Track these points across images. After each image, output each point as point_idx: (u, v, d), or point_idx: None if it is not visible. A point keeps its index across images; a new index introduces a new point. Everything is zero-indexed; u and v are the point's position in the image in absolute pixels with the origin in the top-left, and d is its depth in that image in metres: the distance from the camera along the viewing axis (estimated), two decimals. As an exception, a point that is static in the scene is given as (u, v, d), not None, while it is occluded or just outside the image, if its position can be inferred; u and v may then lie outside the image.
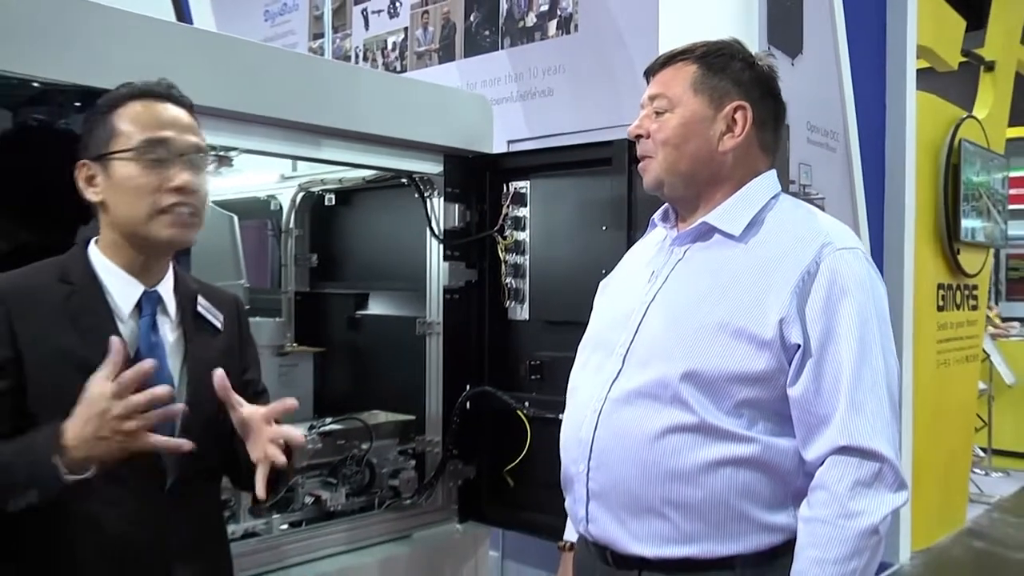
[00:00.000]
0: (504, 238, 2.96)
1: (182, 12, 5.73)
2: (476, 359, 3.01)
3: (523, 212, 2.94)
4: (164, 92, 1.66)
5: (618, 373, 1.66)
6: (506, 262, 2.96)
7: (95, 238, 1.65)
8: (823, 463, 1.52)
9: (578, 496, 1.71)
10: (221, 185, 3.22)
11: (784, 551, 1.55)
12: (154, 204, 1.56)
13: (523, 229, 2.94)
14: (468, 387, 2.94)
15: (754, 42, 3.72)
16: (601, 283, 1.97)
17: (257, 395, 1.83)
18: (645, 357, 1.64)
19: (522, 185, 2.94)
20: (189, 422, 1.59)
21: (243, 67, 2.42)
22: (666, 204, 1.81)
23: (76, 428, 1.40)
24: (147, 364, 1.44)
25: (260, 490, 1.56)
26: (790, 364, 1.54)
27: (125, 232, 1.60)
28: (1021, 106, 7.52)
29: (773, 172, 1.74)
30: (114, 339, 1.45)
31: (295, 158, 2.98)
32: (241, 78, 2.40)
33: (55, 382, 1.49)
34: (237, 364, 1.79)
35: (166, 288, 1.67)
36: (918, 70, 4.97)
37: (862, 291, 1.55)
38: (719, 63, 1.68)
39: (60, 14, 2.04)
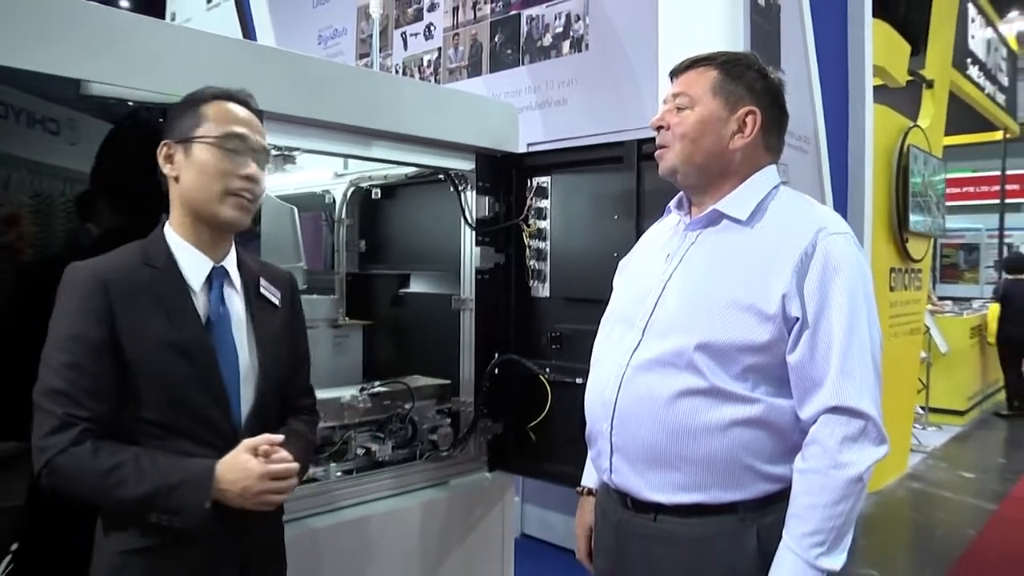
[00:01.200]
0: (528, 226, 2.85)
1: (248, 33, 5.66)
2: (504, 331, 2.92)
3: (545, 204, 2.84)
4: (244, 98, 1.65)
5: (638, 343, 1.60)
6: (530, 247, 2.86)
7: (167, 219, 1.60)
8: (816, 421, 1.48)
9: (602, 450, 1.66)
10: (284, 181, 3.13)
11: (780, 498, 1.52)
12: (225, 186, 1.54)
13: (545, 218, 2.84)
14: (497, 355, 2.85)
15: (738, 59, 3.62)
16: (620, 263, 1.88)
17: (302, 362, 1.83)
18: (663, 329, 1.58)
19: (544, 180, 2.83)
20: (262, 388, 1.59)
21: (306, 79, 2.33)
22: (681, 193, 1.72)
23: (233, 480, 1.45)
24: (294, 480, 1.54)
25: None
26: (789, 334, 1.49)
27: (192, 208, 1.55)
28: (953, 119, 7.46)
29: (774, 167, 1.67)
30: (279, 438, 1.52)
31: (349, 157, 2.87)
32: (304, 88, 2.31)
33: (154, 364, 1.47)
34: (293, 337, 1.76)
35: (231, 264, 1.62)
36: (874, 86, 4.89)
37: (852, 270, 1.49)
38: (737, 71, 1.62)
39: (160, 38, 2.00)
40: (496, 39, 4.23)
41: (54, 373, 1.41)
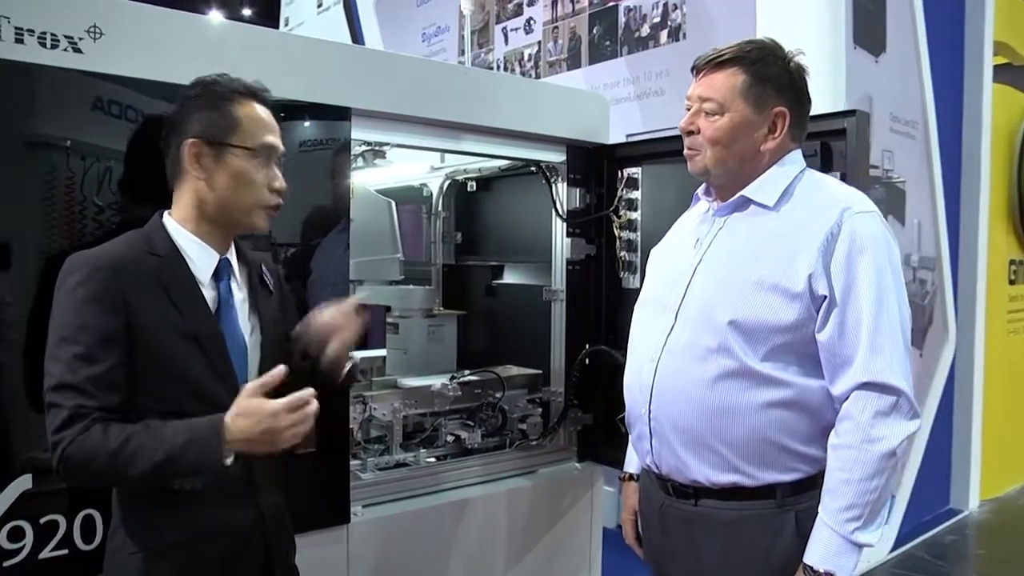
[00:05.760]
0: (619, 217, 2.79)
1: (356, 34, 5.80)
2: (594, 322, 2.87)
3: (635, 195, 2.77)
4: (264, 96, 1.57)
5: (672, 327, 1.62)
6: (620, 238, 2.80)
7: (167, 211, 1.54)
8: (848, 398, 1.48)
9: (642, 433, 1.68)
10: (382, 175, 3.18)
11: (816, 483, 1.53)
12: (260, 199, 1.52)
13: (635, 209, 2.77)
14: (587, 346, 2.81)
15: (841, 43, 3.45)
16: (651, 252, 1.87)
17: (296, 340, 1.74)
18: (695, 312, 1.60)
19: (634, 171, 2.77)
20: (264, 371, 1.49)
21: (405, 77, 2.36)
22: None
23: (244, 426, 1.36)
24: (312, 403, 1.41)
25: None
26: (818, 312, 1.50)
27: (218, 211, 1.51)
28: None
29: (799, 151, 1.66)
30: (281, 368, 1.41)
31: (441, 151, 2.91)
32: (404, 86, 2.34)
33: (164, 350, 1.42)
34: (288, 318, 1.74)
35: (233, 255, 1.59)
36: (995, 65, 4.55)
37: (877, 248, 1.49)
38: (764, 71, 1.60)
39: (277, 47, 2.09)
40: (595, 31, 4.18)
41: (63, 366, 1.35)
